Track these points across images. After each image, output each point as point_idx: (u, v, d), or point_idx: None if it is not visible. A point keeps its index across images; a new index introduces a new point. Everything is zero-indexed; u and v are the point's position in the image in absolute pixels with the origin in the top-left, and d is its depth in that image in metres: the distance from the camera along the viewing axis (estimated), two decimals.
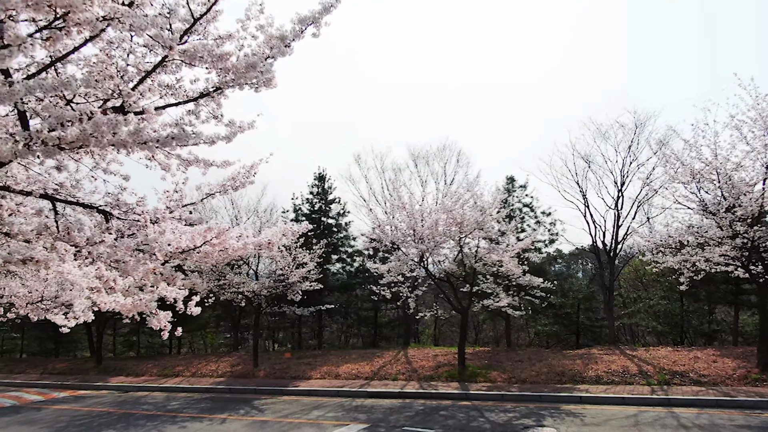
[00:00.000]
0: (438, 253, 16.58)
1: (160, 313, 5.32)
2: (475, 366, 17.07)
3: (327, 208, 25.71)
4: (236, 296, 19.21)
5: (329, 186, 26.08)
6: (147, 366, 21.89)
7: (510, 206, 22.13)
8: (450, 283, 17.14)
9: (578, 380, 14.64)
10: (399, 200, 15.79)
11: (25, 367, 24.27)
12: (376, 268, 17.12)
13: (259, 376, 18.53)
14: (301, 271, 19.00)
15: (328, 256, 25.55)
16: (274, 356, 22.60)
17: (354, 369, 18.15)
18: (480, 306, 18.50)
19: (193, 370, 20.45)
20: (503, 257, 16.55)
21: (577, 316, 23.32)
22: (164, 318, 5.19)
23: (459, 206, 15.14)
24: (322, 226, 25.64)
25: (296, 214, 26.00)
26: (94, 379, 20.01)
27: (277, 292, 19.46)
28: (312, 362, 20.01)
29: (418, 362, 18.63)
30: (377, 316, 25.90)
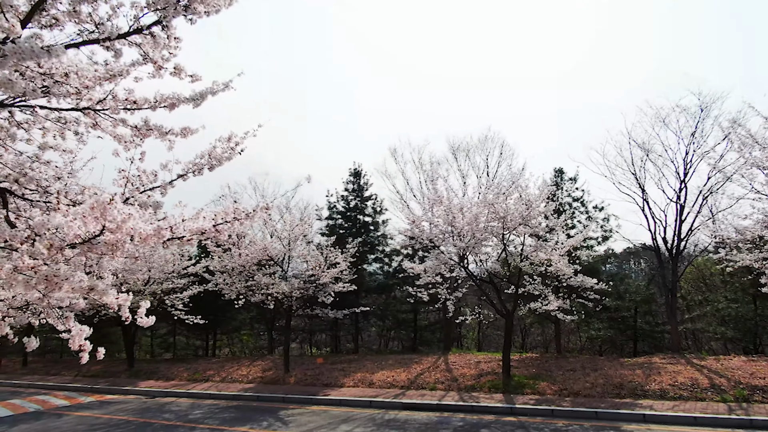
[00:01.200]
0: (479, 252, 15.14)
1: (76, 327, 4.16)
2: (522, 375, 15.54)
3: (363, 206, 24.56)
4: (266, 298, 18.27)
5: (365, 182, 24.94)
6: (178, 370, 21.24)
7: (558, 200, 20.42)
8: (493, 284, 15.66)
9: (639, 394, 12.94)
10: (436, 194, 14.44)
11: (61, 369, 24.10)
12: (411, 268, 15.81)
13: (289, 383, 17.50)
14: (333, 272, 17.88)
15: (364, 256, 24.40)
16: (308, 361, 21.59)
17: (389, 376, 16.89)
18: (527, 309, 16.91)
19: (223, 375, 19.63)
20: (552, 256, 14.96)
21: (635, 320, 21.36)
22: (79, 335, 4.01)
23: (502, 199, 13.67)
24: (357, 225, 24.51)
25: (331, 212, 24.99)
26: (123, 383, 19.45)
27: (308, 293, 18.42)
28: (346, 368, 18.86)
29: (458, 370, 17.22)
30: (416, 319, 24.58)
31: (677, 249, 19.26)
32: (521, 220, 13.93)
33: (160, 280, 20.95)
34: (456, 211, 14.38)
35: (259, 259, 18.49)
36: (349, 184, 24.94)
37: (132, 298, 4.30)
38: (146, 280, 20.72)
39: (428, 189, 15.75)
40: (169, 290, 21.54)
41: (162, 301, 21.39)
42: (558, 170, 21.92)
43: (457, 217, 14.45)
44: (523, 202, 13.94)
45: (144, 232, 2.74)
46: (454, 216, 14.32)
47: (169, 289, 21.52)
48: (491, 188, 14.39)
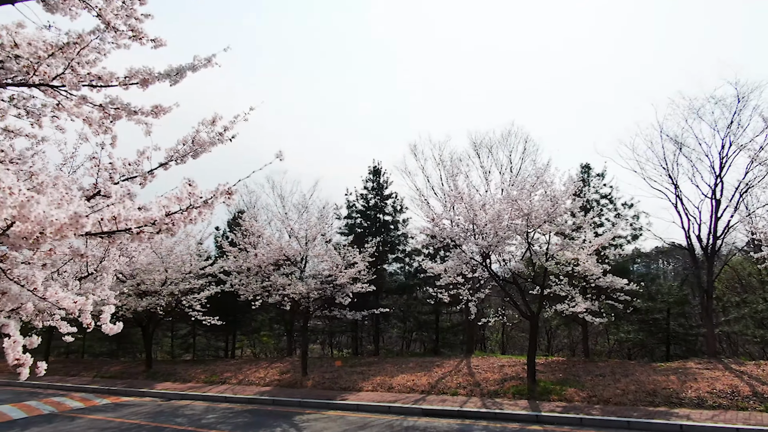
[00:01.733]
0: (503, 251, 14.45)
1: (14, 336, 3.66)
2: (548, 380, 14.81)
3: (383, 204, 23.99)
4: (282, 299, 17.85)
5: (385, 180, 24.37)
6: (196, 371, 20.95)
7: (585, 197, 19.58)
8: (517, 285, 14.96)
9: (675, 402, 12.14)
10: (456, 190, 13.80)
11: (81, 370, 24.03)
12: (431, 267, 15.20)
13: (307, 386, 17.03)
14: (350, 272, 17.36)
15: (383, 256, 23.83)
16: (327, 363, 21.11)
17: (410, 380, 16.30)
18: (552, 311, 16.15)
19: (240, 377, 19.27)
20: (579, 255, 14.21)
21: (667, 322, 20.37)
22: (13, 348, 3.49)
23: (526, 195, 12.97)
24: (377, 224, 23.96)
25: (350, 211, 24.48)
26: (140, 385, 19.22)
27: (326, 294, 17.94)
28: (365, 371, 18.33)
29: (481, 374, 16.55)
30: (438, 321, 23.93)
31: (712, 247, 18.27)
32: (546, 218, 13.21)
33: (176, 281, 20.68)
34: (477, 208, 13.73)
35: (276, 259, 18.09)
36: (368, 182, 24.40)
37: (87, 301, 3.75)
38: (163, 280, 20.47)
39: (449, 186, 15.13)
40: (186, 291, 21.26)
41: (179, 302, 21.12)
42: (584, 166, 21.05)
43: (479, 215, 13.80)
44: (548, 198, 13.22)
45: (57, 220, 2.22)
46: (475, 213, 13.67)
47: (186, 290, 21.24)
48: (515, 184, 13.70)
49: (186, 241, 21.03)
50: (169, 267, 20.38)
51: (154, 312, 20.94)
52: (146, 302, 19.86)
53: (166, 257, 20.22)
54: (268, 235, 17.96)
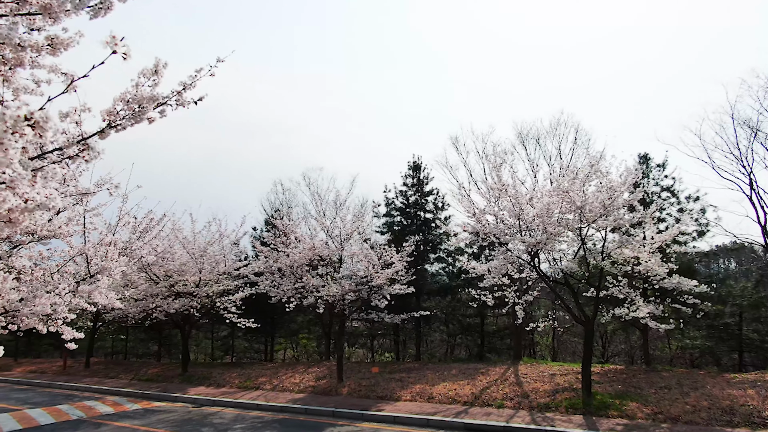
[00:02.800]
0: (552, 249, 13.06)
1: None
2: (605, 393, 13.32)
3: (423, 201, 22.82)
4: (317, 301, 16.95)
5: (425, 176, 23.18)
6: (231, 375, 20.32)
7: (644, 190, 17.84)
8: (569, 287, 13.51)
9: (757, 423, 10.52)
10: (500, 182, 12.52)
11: (121, 371, 23.85)
12: (473, 267, 13.95)
13: (342, 394, 16.06)
14: (387, 272, 16.28)
15: (424, 255, 22.65)
16: (365, 368, 20.08)
17: (451, 390, 15.09)
18: (610, 316, 14.59)
19: (275, 383, 18.48)
20: (640, 253, 12.68)
21: (740, 328, 18.35)
22: None
23: (578, 186, 11.57)
24: (418, 222, 22.79)
25: (389, 208, 23.41)
26: (174, 389, 18.70)
27: (362, 296, 16.94)
28: (404, 378, 17.21)
29: (530, 384, 15.16)
30: (483, 324, 22.55)
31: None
32: (602, 211, 11.76)
33: (210, 282, 20.13)
34: (524, 202, 12.40)
35: (310, 259, 17.23)
36: (408, 178, 23.25)
37: None
38: (197, 281, 19.95)
39: (493, 179, 13.83)
40: (221, 292, 20.69)
41: (213, 304, 20.57)
42: (643, 156, 19.25)
43: (526, 209, 12.47)
44: (604, 189, 11.77)
45: None
46: (521, 207, 12.35)
47: (221, 291, 20.66)
48: (565, 174, 12.29)
49: (220, 241, 20.44)
50: (203, 268, 19.84)
51: (189, 314, 20.45)
52: (179, 304, 19.35)
53: (199, 258, 19.68)
54: (300, 234, 17.10)
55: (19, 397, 19.00)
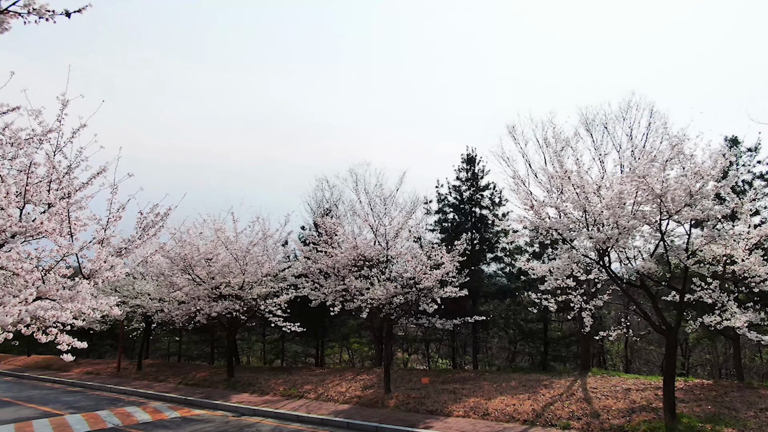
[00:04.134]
0: (625, 246, 11.21)
1: None
2: (692, 415, 11.33)
3: (478, 196, 21.13)
4: (361, 305, 15.70)
5: (480, 169, 21.48)
6: (276, 382, 19.40)
7: (735, 177, 15.47)
8: (646, 290, 11.60)
9: None
10: (561, 168, 10.83)
11: (171, 375, 23.49)
12: (532, 268, 12.29)
13: (389, 406, 14.72)
14: (436, 274, 14.82)
15: (480, 255, 20.98)
16: (416, 376, 18.65)
17: (510, 405, 13.46)
18: (698, 324, 12.51)
19: (320, 391, 17.38)
20: (734, 250, 10.65)
21: None
22: None
23: (658, 170, 9.73)
24: (473, 219, 21.14)
25: (441, 205, 21.87)
26: (217, 395, 17.95)
27: (411, 299, 15.56)
28: (457, 390, 15.67)
29: (600, 400, 13.29)
30: (546, 330, 20.61)
31: None
32: (688, 200, 9.86)
33: (254, 284, 19.31)
34: (591, 192, 10.66)
35: (353, 259, 16.02)
36: (461, 172, 21.62)
37: None
38: (240, 283, 19.16)
39: (553, 167, 12.13)
40: (265, 295, 19.83)
41: (257, 307, 19.74)
42: (731, 139, 16.80)
43: (593, 200, 10.72)
44: (689, 173, 9.86)
45: None
46: (587, 197, 10.61)
47: (265, 294, 19.81)
48: (641, 156, 10.46)
49: (263, 241, 19.58)
50: (246, 269, 19.04)
51: (233, 317, 19.70)
52: (220, 307, 18.61)
53: (242, 259, 18.88)
54: (342, 233, 15.91)
55: (66, 400, 18.81)
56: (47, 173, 6.58)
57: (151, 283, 21.82)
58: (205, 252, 19.15)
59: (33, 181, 6.68)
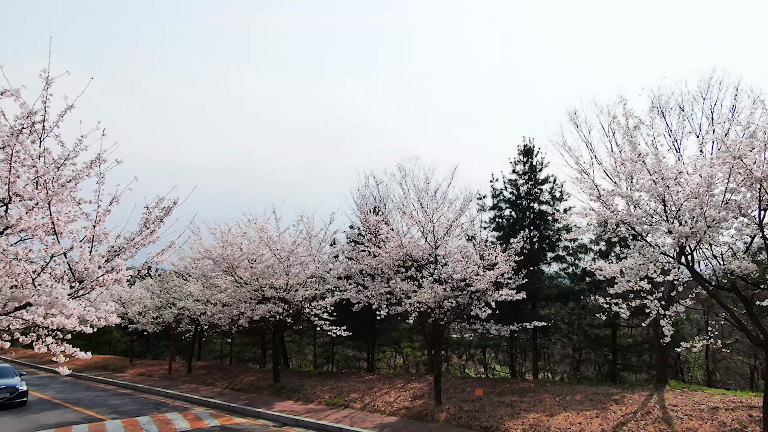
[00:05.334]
0: (713, 241, 9.47)
1: None
2: None
3: (537, 191, 19.43)
4: (409, 308, 14.47)
5: (539, 161, 19.75)
6: (322, 389, 18.46)
7: None
8: (738, 293, 9.79)
9: None
10: (634, 150, 9.23)
11: (219, 378, 23.04)
12: (600, 269, 10.70)
13: (438, 420, 13.42)
14: (490, 275, 13.39)
15: (539, 254, 19.29)
16: (471, 385, 17.23)
17: (575, 423, 11.90)
18: None
19: (367, 400, 16.29)
20: None
21: None
22: None
23: (759, 149, 8.01)
24: (531, 215, 19.45)
25: (496, 200, 20.27)
26: (261, 402, 17.17)
27: (463, 303, 14.20)
28: (515, 404, 14.16)
29: (683, 421, 11.51)
30: (616, 336, 18.66)
31: None
32: None
33: (297, 286, 18.45)
34: (670, 177, 9.01)
35: (400, 259, 14.83)
36: (518, 164, 19.94)
37: None
38: (284, 286, 18.35)
39: (621, 152, 10.51)
40: (311, 297, 18.94)
41: (301, 309, 18.87)
42: None
43: (672, 188, 9.07)
44: None
45: None
46: (667, 185, 8.97)
47: (310, 296, 18.92)
48: (735, 135, 8.72)
49: (307, 241, 18.69)
50: (289, 270, 18.20)
51: (280, 320, 18.91)
52: (262, 310, 17.83)
53: (285, 259, 18.06)
54: (386, 230, 14.74)
55: (113, 403, 18.59)
56: (32, 163, 5.73)
57: (195, 284, 21.41)
58: (247, 252, 18.45)
59: (20, 171, 5.87)
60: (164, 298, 25.31)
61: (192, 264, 20.00)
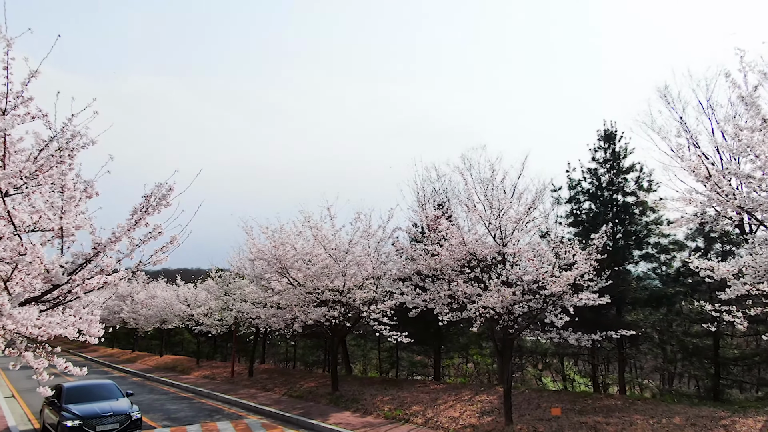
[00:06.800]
0: None
1: None
2: None
3: (621, 180, 17.05)
4: (474, 314, 12.81)
5: (622, 147, 17.34)
6: (383, 399, 17.10)
7: None
8: None
9: None
10: (757, 116, 7.20)
11: (279, 383, 22.22)
12: (708, 269, 8.65)
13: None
14: (567, 276, 11.51)
15: (625, 252, 16.98)
16: (546, 401, 15.29)
17: None
18: None
19: (429, 415, 14.78)
20: None
21: None
22: None
23: None
24: (614, 207, 17.14)
25: (573, 192, 18.07)
26: (316, 413, 16.04)
27: (533, 308, 12.38)
28: (600, 426, 12.17)
29: None
30: (718, 347, 16.04)
31: None
32: None
33: (355, 288, 17.21)
34: None
35: (462, 258, 13.21)
36: (598, 151, 17.62)
37: None
38: (340, 288, 17.15)
39: (736, 121, 8.44)
40: (369, 300, 17.63)
41: (359, 313, 17.61)
42: None
43: None
44: None
45: None
46: None
47: (369, 299, 17.61)
48: None
49: (365, 240, 17.40)
50: (346, 272, 16.98)
51: (337, 325, 17.74)
52: (316, 314, 16.69)
53: (341, 259, 16.86)
54: (446, 226, 13.15)
55: (169, 409, 18.11)
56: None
57: (250, 287, 20.67)
58: (301, 252, 17.41)
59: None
60: (224, 300, 24.86)
61: (246, 265, 19.25)
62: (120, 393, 14.41)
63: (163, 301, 32.10)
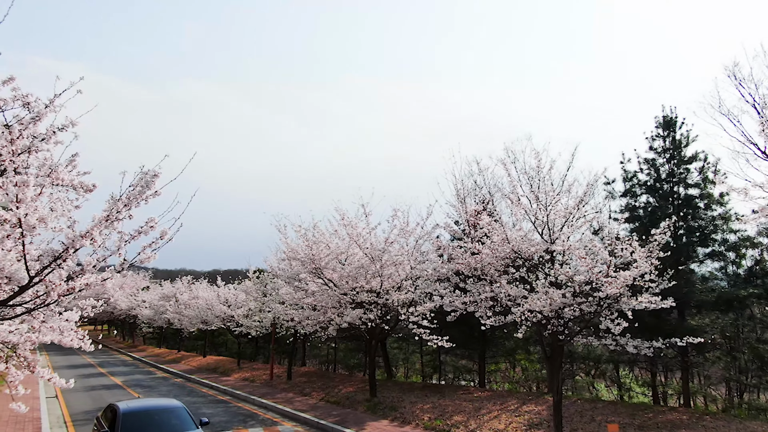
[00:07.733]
0: None
1: None
2: None
3: (682, 172, 15.46)
4: (519, 318, 11.69)
5: (684, 135, 15.74)
6: (423, 407, 16.14)
7: None
8: None
9: None
10: None
11: (317, 387, 21.54)
12: None
13: None
14: (625, 276, 10.25)
15: (689, 250, 15.42)
16: (601, 413, 13.95)
17: None
18: None
19: (472, 426, 13.72)
20: None
21: None
22: None
23: None
24: (676, 201, 15.58)
25: (629, 185, 16.55)
26: (352, 421, 15.22)
27: (585, 311, 11.15)
28: None
29: None
30: None
31: None
32: None
33: (392, 289, 16.31)
34: None
35: (507, 257, 12.12)
36: (656, 140, 16.03)
37: None
38: (376, 289, 16.28)
39: None
40: (408, 302, 16.68)
41: (398, 316, 16.68)
42: None
43: None
44: None
45: None
46: None
47: (407, 301, 16.67)
48: None
49: (403, 238, 16.49)
50: (382, 272, 16.11)
51: (374, 328, 16.89)
52: (351, 316, 15.87)
53: (378, 259, 15.99)
54: (487, 222, 12.08)
55: (204, 413, 17.62)
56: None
57: (285, 287, 20.03)
58: (335, 251, 16.64)
59: None
60: (261, 301, 24.40)
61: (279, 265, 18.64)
62: (192, 421, 10.22)
63: (204, 302, 32.04)
